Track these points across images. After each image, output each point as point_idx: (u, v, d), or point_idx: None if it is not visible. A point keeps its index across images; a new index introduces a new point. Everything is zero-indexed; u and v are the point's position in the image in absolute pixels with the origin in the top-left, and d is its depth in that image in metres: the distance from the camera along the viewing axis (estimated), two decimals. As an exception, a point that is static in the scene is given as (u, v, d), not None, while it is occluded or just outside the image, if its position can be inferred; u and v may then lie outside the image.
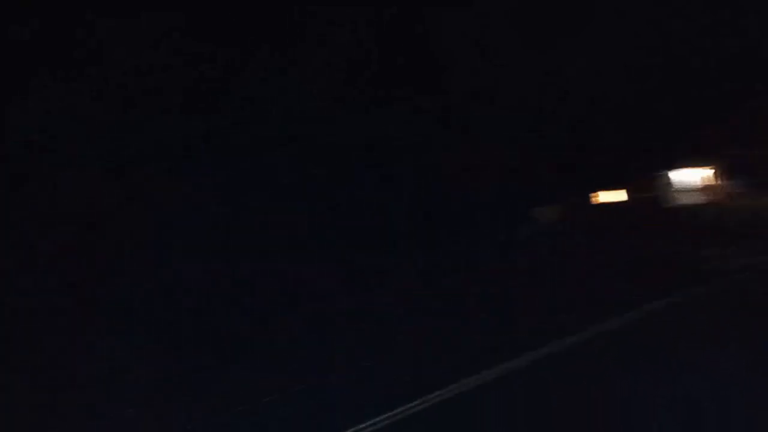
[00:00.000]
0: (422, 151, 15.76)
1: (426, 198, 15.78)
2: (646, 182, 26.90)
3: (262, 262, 11.21)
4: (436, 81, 15.72)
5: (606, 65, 18.86)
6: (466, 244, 15.39)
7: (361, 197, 14.68)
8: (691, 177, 28.61)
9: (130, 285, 10.19)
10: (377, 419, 4.53)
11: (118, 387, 6.50)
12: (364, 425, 4.50)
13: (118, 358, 7.42)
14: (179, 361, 7.12)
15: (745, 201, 27.13)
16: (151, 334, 8.14)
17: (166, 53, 12.30)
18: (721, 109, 25.48)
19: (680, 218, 22.85)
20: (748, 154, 31.87)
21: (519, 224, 18.25)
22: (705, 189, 28.69)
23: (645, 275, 10.71)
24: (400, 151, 15.52)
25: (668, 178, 28.03)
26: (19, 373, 7.29)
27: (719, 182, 29.57)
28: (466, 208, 16.51)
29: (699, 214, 23.47)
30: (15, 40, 10.74)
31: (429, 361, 6.07)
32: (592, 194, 25.60)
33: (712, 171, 29.34)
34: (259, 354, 7.02)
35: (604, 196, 25.80)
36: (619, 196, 26.16)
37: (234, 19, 13.25)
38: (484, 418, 4.42)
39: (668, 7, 18.83)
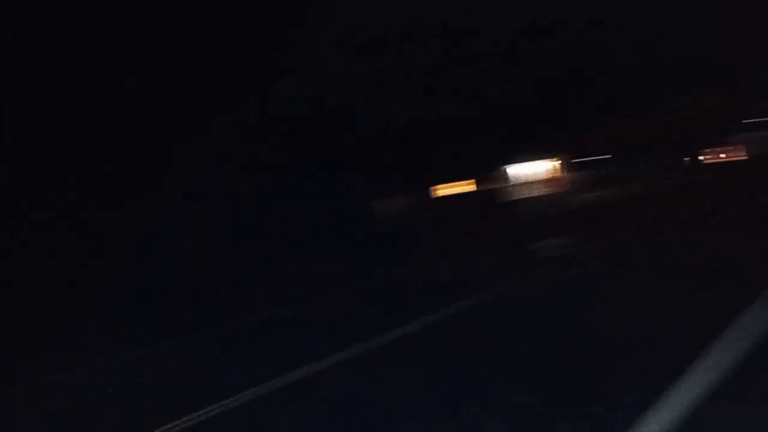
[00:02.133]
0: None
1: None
2: (488, 176, 27.00)
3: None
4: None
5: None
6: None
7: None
8: (533, 169, 28.93)
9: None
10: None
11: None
12: None
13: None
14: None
15: (587, 193, 28.91)
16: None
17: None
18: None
19: (521, 210, 23.60)
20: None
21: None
22: (548, 181, 29.13)
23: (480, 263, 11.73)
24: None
25: (506, 173, 28.28)
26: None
27: (563, 174, 30.49)
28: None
29: (540, 206, 24.19)
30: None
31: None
32: (433, 188, 25.57)
33: (556, 163, 29.96)
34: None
35: (445, 190, 25.75)
36: (460, 188, 25.90)
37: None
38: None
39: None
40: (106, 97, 11.68)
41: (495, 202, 25.17)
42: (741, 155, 37.24)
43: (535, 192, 27.76)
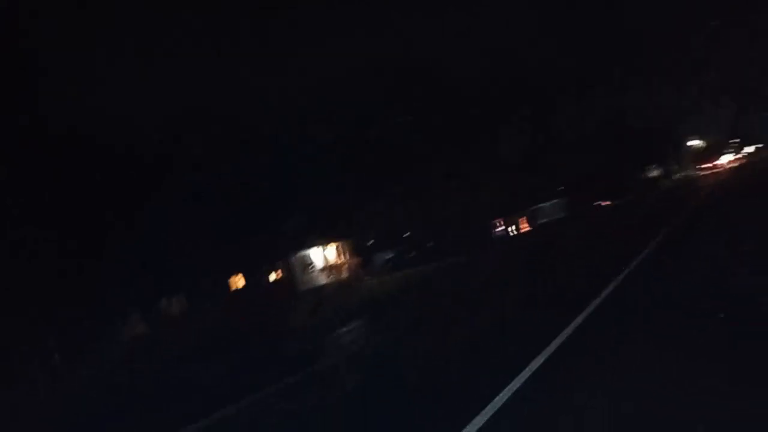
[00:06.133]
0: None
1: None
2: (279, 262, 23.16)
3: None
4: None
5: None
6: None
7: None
8: (317, 255, 24.98)
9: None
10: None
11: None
12: None
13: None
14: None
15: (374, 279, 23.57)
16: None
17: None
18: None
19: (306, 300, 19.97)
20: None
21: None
22: (330, 268, 25.10)
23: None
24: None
25: (308, 258, 24.40)
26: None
27: (346, 259, 26.06)
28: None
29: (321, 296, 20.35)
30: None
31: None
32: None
33: (337, 247, 25.64)
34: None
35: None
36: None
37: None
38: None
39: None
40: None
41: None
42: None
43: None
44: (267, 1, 17.16)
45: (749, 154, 62.97)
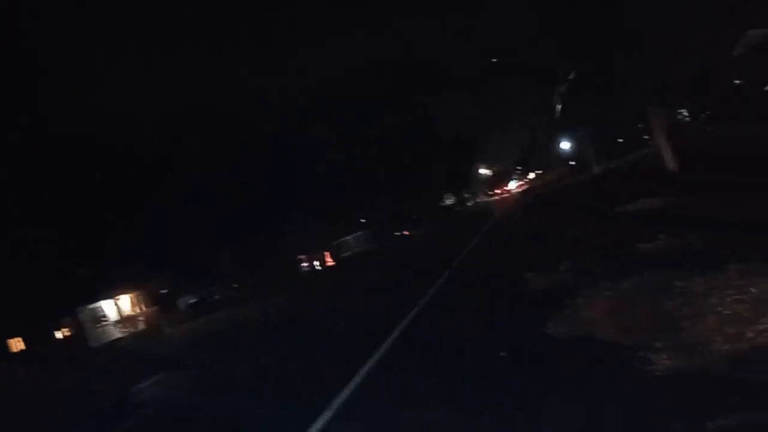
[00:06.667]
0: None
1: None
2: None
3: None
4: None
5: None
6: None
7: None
8: (110, 307, 20.94)
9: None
10: None
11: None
12: None
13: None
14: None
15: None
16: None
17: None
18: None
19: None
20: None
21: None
22: (125, 320, 21.47)
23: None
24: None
25: (99, 310, 20.16)
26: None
27: (146, 309, 22.74)
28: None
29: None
30: None
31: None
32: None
33: (134, 297, 21.96)
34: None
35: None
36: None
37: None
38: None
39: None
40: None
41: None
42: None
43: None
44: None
45: (532, 179, 68.44)
